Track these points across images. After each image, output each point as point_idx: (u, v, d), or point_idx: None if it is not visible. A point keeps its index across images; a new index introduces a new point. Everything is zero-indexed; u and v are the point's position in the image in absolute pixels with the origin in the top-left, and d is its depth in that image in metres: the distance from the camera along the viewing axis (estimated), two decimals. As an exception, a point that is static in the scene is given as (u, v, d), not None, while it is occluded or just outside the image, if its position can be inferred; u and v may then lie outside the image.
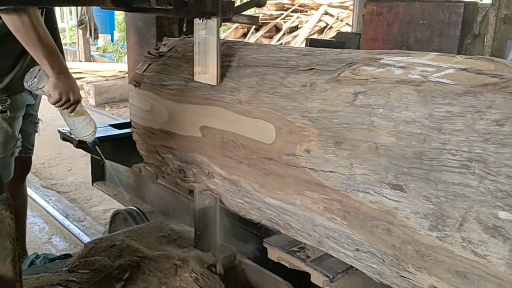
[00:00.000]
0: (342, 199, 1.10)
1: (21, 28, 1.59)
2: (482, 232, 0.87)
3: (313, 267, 1.29)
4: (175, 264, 1.46)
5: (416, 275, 1.00)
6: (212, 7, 1.34)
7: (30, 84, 1.70)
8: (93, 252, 1.54)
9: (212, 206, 1.53)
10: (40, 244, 2.94)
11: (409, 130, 0.98)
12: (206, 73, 1.42)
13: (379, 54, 1.22)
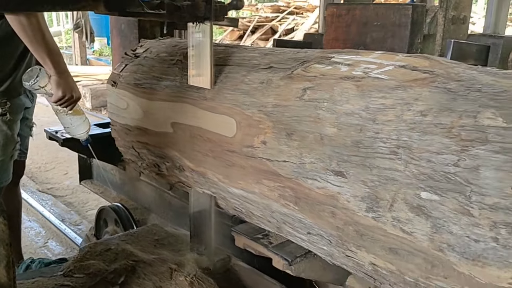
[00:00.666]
0: (294, 186, 1.20)
1: (28, 29, 1.65)
2: (408, 211, 0.97)
3: (274, 252, 1.40)
4: (170, 267, 1.47)
5: (357, 254, 1.11)
6: (205, 11, 1.36)
7: (32, 83, 1.77)
8: (88, 256, 1.55)
9: (207, 210, 1.55)
10: (36, 249, 2.96)
11: (348, 121, 1.08)
12: (200, 76, 1.45)
13: (332, 53, 1.33)
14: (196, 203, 1.57)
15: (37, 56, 1.74)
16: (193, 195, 1.56)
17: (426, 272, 0.97)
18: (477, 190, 0.87)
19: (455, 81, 1.03)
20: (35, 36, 1.68)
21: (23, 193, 3.66)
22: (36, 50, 1.72)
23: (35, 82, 1.76)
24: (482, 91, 0.97)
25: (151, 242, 1.69)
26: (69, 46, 10.13)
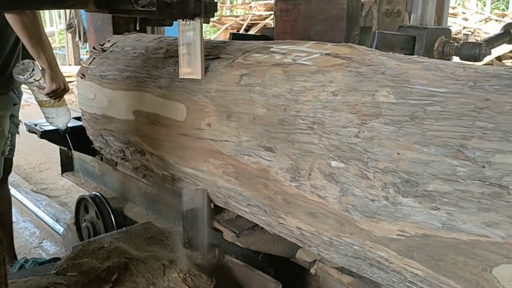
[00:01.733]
0: (234, 163, 1.36)
1: (28, 26, 1.78)
2: (322, 179, 1.13)
3: (224, 226, 1.56)
4: (163, 264, 1.49)
5: (286, 220, 1.27)
6: (194, 8, 1.38)
7: (28, 77, 1.90)
8: (81, 254, 1.57)
9: (200, 207, 1.57)
10: (31, 249, 3.00)
11: (275, 102, 1.24)
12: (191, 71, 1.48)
13: (273, 43, 1.49)
14: (189, 200, 1.59)
15: (33, 51, 1.87)
16: (186, 192, 1.59)
17: (337, 230, 1.13)
18: (372, 157, 1.03)
19: (366, 66, 1.19)
20: (35, 32, 1.82)
21: (18, 193, 3.76)
22: (33, 46, 1.85)
23: (30, 75, 1.90)
24: (385, 73, 1.13)
25: (144, 239, 1.70)
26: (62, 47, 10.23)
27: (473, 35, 8.06)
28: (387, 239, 1.03)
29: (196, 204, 1.57)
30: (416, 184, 0.96)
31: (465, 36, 8.01)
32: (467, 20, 8.71)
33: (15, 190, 3.79)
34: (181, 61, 1.48)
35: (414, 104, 1.01)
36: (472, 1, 11.31)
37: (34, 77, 1.90)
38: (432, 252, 0.95)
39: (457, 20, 8.57)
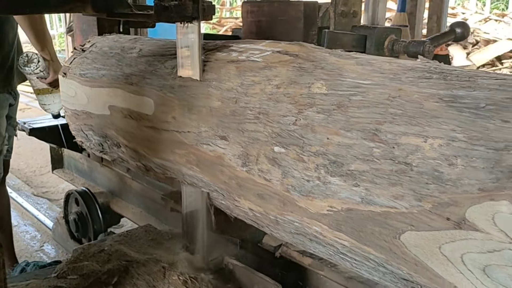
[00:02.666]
0: (195, 152, 1.50)
1: (38, 22, 1.98)
2: (267, 163, 1.27)
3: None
4: (163, 267, 1.51)
5: (240, 202, 1.41)
6: (192, 11, 1.39)
7: (35, 68, 2.13)
8: (82, 257, 1.58)
9: (199, 209, 1.58)
10: (32, 252, 3.06)
11: (228, 96, 1.38)
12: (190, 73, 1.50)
13: (234, 42, 1.63)
14: (188, 201, 1.61)
15: (38, 44, 2.09)
16: (185, 194, 1.61)
17: (280, 209, 1.26)
18: (307, 142, 1.17)
19: (310, 61, 1.33)
20: (40, 27, 2.03)
21: (18, 197, 3.84)
22: (39, 39, 2.07)
23: (37, 67, 2.12)
24: (324, 68, 1.27)
25: (145, 242, 1.72)
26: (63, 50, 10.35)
27: (472, 35, 8.05)
28: (319, 214, 1.16)
29: (195, 206, 1.58)
30: (341, 164, 1.10)
31: None
32: (467, 20, 8.70)
33: (16, 193, 3.87)
34: (179, 63, 1.53)
35: (342, 94, 1.15)
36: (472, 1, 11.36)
37: (40, 68, 2.10)
38: (355, 224, 1.09)
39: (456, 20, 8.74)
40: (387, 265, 1.06)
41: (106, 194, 2.87)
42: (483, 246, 0.87)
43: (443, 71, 1.09)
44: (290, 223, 1.27)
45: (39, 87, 2.23)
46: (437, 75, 1.08)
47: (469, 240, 0.89)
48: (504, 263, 0.85)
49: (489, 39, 8.09)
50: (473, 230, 0.88)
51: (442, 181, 0.93)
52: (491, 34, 8.26)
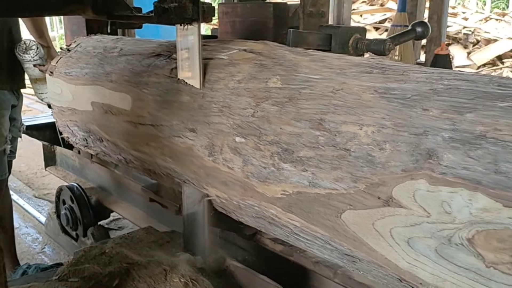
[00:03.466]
0: (168, 144, 1.61)
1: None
2: (230, 152, 1.38)
3: (167, 200, 1.81)
4: (164, 269, 1.50)
5: (208, 190, 1.52)
6: (192, 13, 1.40)
7: (34, 55, 2.20)
8: (83, 260, 1.58)
9: (200, 211, 1.59)
10: (34, 254, 3.02)
11: (196, 91, 1.50)
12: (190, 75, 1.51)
13: (208, 42, 1.74)
14: (189, 203, 1.63)
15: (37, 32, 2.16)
16: (186, 196, 1.63)
17: (242, 195, 1.38)
18: (264, 132, 1.28)
19: (270, 59, 1.44)
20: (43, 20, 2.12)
21: (20, 199, 3.82)
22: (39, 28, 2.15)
23: (36, 53, 2.20)
24: (282, 64, 1.38)
25: (146, 244, 1.73)
26: (63, 51, 10.48)
27: (473, 34, 8.06)
28: (274, 198, 1.28)
29: (196, 208, 1.60)
30: (292, 152, 1.21)
31: (465, 36, 8.02)
32: (467, 19, 8.75)
33: (17, 195, 3.86)
34: (179, 65, 1.53)
35: (294, 88, 1.27)
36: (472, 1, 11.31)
37: (39, 55, 2.19)
38: (303, 206, 1.20)
39: (457, 20, 8.58)
40: (332, 242, 1.18)
41: (96, 189, 2.98)
42: (407, 221, 0.98)
43: (383, 66, 1.20)
44: (250, 207, 1.38)
45: (36, 76, 2.25)
46: (377, 70, 1.19)
47: (396, 216, 1.00)
48: (423, 235, 0.96)
49: (490, 39, 8.07)
50: (398, 207, 0.99)
51: (374, 164, 1.04)
52: (491, 33, 8.24)
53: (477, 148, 0.89)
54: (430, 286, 0.98)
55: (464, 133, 0.92)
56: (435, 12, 4.60)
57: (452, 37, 7.99)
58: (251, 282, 1.54)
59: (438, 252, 0.94)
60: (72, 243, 2.91)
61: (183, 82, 1.55)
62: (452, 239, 0.91)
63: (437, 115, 0.97)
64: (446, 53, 4.21)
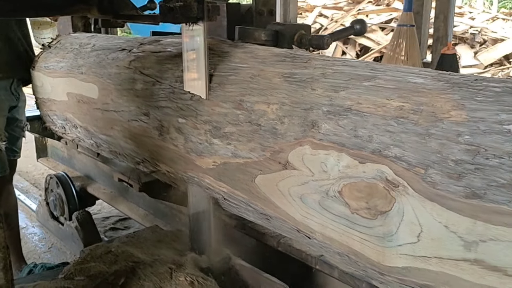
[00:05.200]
0: (128, 127, 1.84)
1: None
2: (175, 132, 1.61)
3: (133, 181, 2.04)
4: (170, 268, 1.52)
5: (161, 166, 1.75)
6: (197, 12, 1.40)
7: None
8: (89, 259, 1.59)
9: (206, 210, 1.61)
10: (40, 253, 3.05)
11: (149, 80, 1.73)
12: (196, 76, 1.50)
13: (165, 37, 1.97)
14: (195, 202, 1.65)
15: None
16: (192, 195, 1.65)
17: (184, 168, 1.61)
18: (199, 113, 1.51)
19: (212, 51, 1.66)
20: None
21: (27, 199, 3.91)
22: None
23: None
24: (220, 56, 1.61)
25: (152, 243, 1.74)
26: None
27: (480, 34, 7.97)
28: (208, 169, 1.50)
29: (201, 207, 1.62)
30: (220, 128, 1.44)
31: (472, 36, 7.93)
32: (474, 19, 8.62)
33: (24, 196, 3.93)
34: (185, 67, 1.52)
35: (223, 75, 1.49)
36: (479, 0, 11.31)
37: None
38: (229, 174, 1.43)
39: (463, 20, 8.45)
40: (251, 204, 1.40)
41: (82, 177, 3.21)
42: (299, 180, 1.21)
43: (295, 56, 1.43)
44: (192, 178, 1.61)
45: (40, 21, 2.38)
46: (289, 59, 1.42)
47: (291, 177, 1.23)
48: (310, 191, 1.18)
49: (497, 38, 7.95)
50: (293, 169, 1.22)
51: (276, 135, 1.26)
52: (498, 33, 8.12)
53: (344, 118, 1.11)
54: (317, 233, 1.21)
55: (337, 107, 1.14)
56: (442, 11, 4.59)
57: (458, 37, 7.92)
58: (257, 281, 1.55)
59: (321, 205, 1.17)
60: (59, 227, 3.13)
61: (137, 72, 1.78)
62: (328, 192, 1.14)
63: (320, 93, 1.20)
64: (453, 52, 4.22)
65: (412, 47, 4.55)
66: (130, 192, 2.57)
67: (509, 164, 0.85)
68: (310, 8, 9.57)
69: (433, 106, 1.00)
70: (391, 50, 4.67)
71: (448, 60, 4.11)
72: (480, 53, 7.77)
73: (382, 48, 7.43)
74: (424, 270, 0.98)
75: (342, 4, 9.29)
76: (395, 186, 1.00)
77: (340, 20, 8.56)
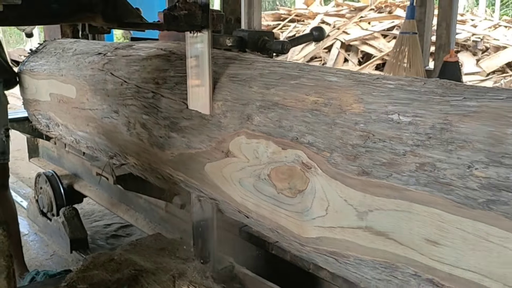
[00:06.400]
0: (101, 124, 2.02)
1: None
2: (140, 127, 1.78)
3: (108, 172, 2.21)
4: (173, 276, 1.52)
5: (129, 159, 1.92)
6: (202, 20, 1.40)
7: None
8: (92, 267, 1.59)
9: (209, 218, 1.62)
10: (42, 261, 3.06)
11: (118, 80, 1.90)
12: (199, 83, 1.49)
13: (137, 43, 2.15)
14: (198, 211, 1.66)
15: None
16: (195, 203, 1.67)
17: (149, 160, 1.78)
18: (160, 109, 1.69)
19: (175, 55, 1.84)
20: None
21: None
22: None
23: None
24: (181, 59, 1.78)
25: (155, 251, 1.74)
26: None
27: (482, 41, 8.03)
28: (167, 160, 1.68)
29: (205, 215, 1.63)
30: (177, 123, 1.61)
31: (474, 43, 7.98)
32: (476, 26, 8.69)
33: (26, 202, 3.95)
34: (189, 73, 1.52)
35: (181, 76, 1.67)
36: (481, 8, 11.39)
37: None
38: (185, 163, 1.60)
39: (466, 27, 8.52)
40: (203, 190, 1.58)
41: (70, 176, 3.38)
42: (238, 167, 1.38)
43: (242, 59, 1.60)
44: (155, 170, 1.79)
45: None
46: (237, 61, 1.59)
47: (232, 164, 1.40)
48: (247, 176, 1.36)
49: (499, 46, 7.99)
50: (233, 157, 1.40)
51: (220, 128, 1.44)
52: (500, 40, 8.17)
53: (272, 111, 1.29)
54: (253, 213, 1.38)
55: (267, 101, 1.32)
56: (444, 19, 4.62)
57: (461, 44, 7.96)
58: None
59: (255, 187, 1.34)
60: (47, 223, 3.30)
61: (108, 73, 1.96)
62: (260, 176, 1.31)
63: (255, 91, 1.37)
64: (455, 60, 4.25)
65: (415, 54, 4.57)
66: (114, 188, 2.74)
67: (390, 146, 1.02)
68: (313, 15, 9.64)
69: (340, 100, 1.17)
70: (394, 58, 4.68)
71: (450, 68, 4.13)
72: (482, 60, 7.81)
73: (384, 55, 7.48)
74: (331, 239, 1.15)
75: (344, 11, 9.37)
76: (308, 168, 1.17)
77: (342, 28, 8.59)
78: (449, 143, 0.93)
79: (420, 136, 0.98)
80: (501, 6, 12.57)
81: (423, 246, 0.96)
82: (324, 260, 1.21)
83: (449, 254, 0.92)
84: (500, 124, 0.88)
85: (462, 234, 0.89)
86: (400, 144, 1.01)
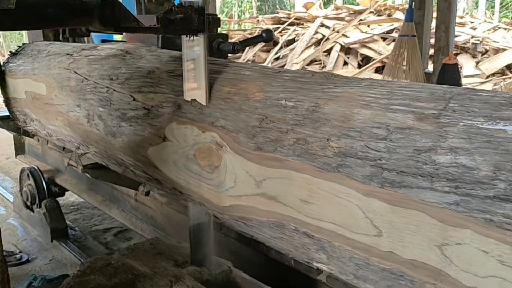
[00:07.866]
0: (67, 118, 2.23)
1: None
2: (97, 119, 1.99)
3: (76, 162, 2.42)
4: (170, 280, 1.52)
5: (90, 148, 2.13)
6: (198, 24, 1.41)
7: None
8: (89, 271, 1.60)
9: (206, 222, 1.64)
10: (41, 266, 3.06)
11: (80, 78, 2.11)
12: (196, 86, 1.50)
13: (101, 44, 2.36)
14: (195, 215, 1.68)
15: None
16: (192, 208, 1.69)
17: (105, 148, 1.99)
18: (112, 102, 1.89)
19: (130, 55, 2.05)
20: None
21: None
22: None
23: None
24: (134, 58, 1.99)
25: (152, 255, 1.75)
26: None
27: (481, 44, 7.98)
28: (119, 147, 1.89)
29: (202, 219, 1.64)
30: (125, 114, 1.82)
31: (473, 45, 7.94)
32: (476, 29, 8.63)
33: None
34: (185, 77, 1.53)
35: (131, 72, 1.88)
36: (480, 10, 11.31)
37: None
38: (132, 149, 1.81)
39: (465, 29, 8.45)
40: (147, 171, 1.79)
41: (53, 170, 3.58)
42: (172, 149, 1.59)
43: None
44: (111, 157, 1.99)
45: None
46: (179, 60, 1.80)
47: (168, 147, 1.61)
48: (178, 157, 1.57)
49: (499, 48, 7.91)
50: (168, 141, 1.61)
51: (159, 116, 1.65)
52: (500, 42, 8.09)
53: (195, 100, 1.50)
54: (184, 189, 1.59)
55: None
56: (443, 22, 4.64)
57: (460, 47, 7.90)
58: None
59: (185, 166, 1.55)
60: (31, 214, 3.49)
61: (72, 72, 2.17)
62: (188, 156, 1.52)
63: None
64: (454, 62, 4.30)
65: (414, 57, 4.63)
66: (92, 181, 2.94)
67: (278, 126, 1.24)
68: (312, 19, 9.58)
69: (247, 90, 1.39)
70: (393, 60, 4.75)
71: (449, 70, 4.17)
72: (482, 63, 7.70)
73: (383, 58, 7.45)
74: (240, 206, 1.36)
75: (344, 14, 9.36)
76: (221, 147, 1.38)
77: (342, 31, 8.54)
78: (316, 121, 1.14)
79: (298, 117, 1.20)
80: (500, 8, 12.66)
81: (299, 205, 1.17)
82: (237, 224, 1.42)
83: (316, 210, 1.13)
84: (350, 105, 1.10)
85: (323, 193, 1.10)
86: (284, 124, 1.22)
